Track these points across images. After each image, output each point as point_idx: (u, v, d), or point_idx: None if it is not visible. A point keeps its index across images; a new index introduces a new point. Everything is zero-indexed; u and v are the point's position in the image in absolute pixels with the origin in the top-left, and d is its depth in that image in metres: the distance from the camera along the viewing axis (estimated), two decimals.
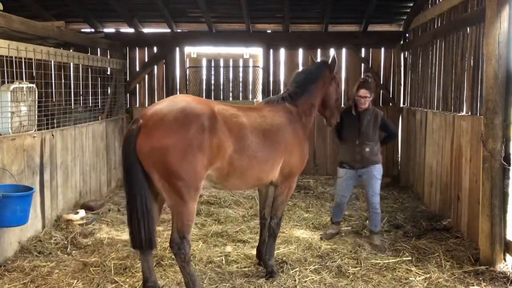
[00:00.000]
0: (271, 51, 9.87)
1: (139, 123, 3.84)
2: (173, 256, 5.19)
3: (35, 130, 6.12)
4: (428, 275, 4.77)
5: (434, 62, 7.70)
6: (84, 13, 9.37)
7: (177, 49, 9.85)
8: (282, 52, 9.88)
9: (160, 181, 3.83)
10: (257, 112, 4.55)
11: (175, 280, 4.65)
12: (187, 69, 9.97)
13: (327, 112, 5.32)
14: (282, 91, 6.42)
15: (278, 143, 4.47)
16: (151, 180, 3.89)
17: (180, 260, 3.98)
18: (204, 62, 10.17)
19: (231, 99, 10.11)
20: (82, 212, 6.62)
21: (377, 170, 5.73)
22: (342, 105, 8.67)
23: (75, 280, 4.63)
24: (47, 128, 6.49)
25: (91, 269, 4.90)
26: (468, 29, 6.17)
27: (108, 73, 9.39)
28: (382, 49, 9.76)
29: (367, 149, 5.64)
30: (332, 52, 9.78)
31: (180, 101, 4.00)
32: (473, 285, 4.56)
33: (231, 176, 4.20)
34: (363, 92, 5.65)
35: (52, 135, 6.23)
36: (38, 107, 6.37)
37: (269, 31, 10.01)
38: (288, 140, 4.57)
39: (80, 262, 5.12)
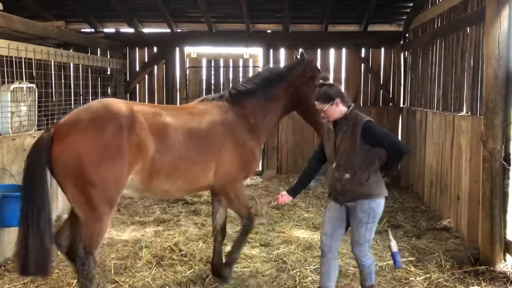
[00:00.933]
0: (271, 51, 9.87)
1: (51, 131, 3.56)
2: (173, 256, 5.21)
3: (35, 130, 6.12)
4: (428, 275, 4.77)
5: (434, 62, 7.70)
6: (84, 13, 9.37)
7: (177, 49, 9.85)
8: (282, 52, 9.88)
9: (74, 192, 3.53)
10: (185, 111, 4.26)
11: (175, 280, 4.65)
12: (187, 69, 9.97)
13: (310, 119, 4.66)
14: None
15: (208, 143, 4.12)
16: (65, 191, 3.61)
17: (82, 277, 3.64)
18: (204, 62, 10.17)
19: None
20: None
21: (364, 209, 3.75)
22: None
23: (75, 280, 4.62)
24: (47, 128, 6.48)
25: None
26: (468, 29, 6.17)
27: (108, 73, 9.39)
28: (382, 49, 9.76)
29: (347, 176, 3.77)
30: (332, 52, 9.81)
31: (97, 103, 3.82)
32: (473, 285, 4.56)
33: (155, 179, 3.90)
34: (316, 104, 3.83)
35: None
36: (38, 107, 6.37)
37: (269, 31, 10.01)
38: (222, 141, 4.19)
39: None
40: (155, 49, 10.00)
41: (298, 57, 4.75)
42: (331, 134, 3.89)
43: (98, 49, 9.39)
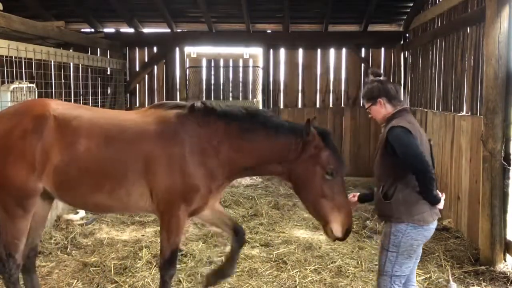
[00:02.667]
0: (271, 51, 9.87)
1: None
2: None
3: None
4: (428, 275, 4.77)
5: (434, 62, 7.70)
6: (84, 13, 9.37)
7: (177, 49, 9.85)
8: (282, 52, 9.88)
9: None
10: (118, 115, 3.73)
11: (175, 280, 4.64)
12: (187, 69, 9.97)
13: (309, 209, 3.55)
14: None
15: (131, 157, 3.42)
16: None
17: (5, 280, 3.55)
18: (204, 62, 10.17)
19: (231, 99, 10.12)
20: (82, 212, 6.62)
21: (386, 233, 3.19)
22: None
23: (75, 280, 4.63)
24: None
25: (91, 269, 4.89)
26: (468, 29, 6.17)
27: (108, 73, 9.40)
28: (382, 49, 9.76)
29: (375, 189, 3.29)
30: (332, 52, 9.82)
31: (22, 103, 3.76)
32: (473, 285, 4.56)
33: (65, 192, 3.51)
34: (363, 102, 3.44)
35: None
36: None
37: (269, 31, 10.01)
38: (150, 157, 3.40)
39: (80, 262, 5.12)
40: (155, 49, 10.00)
41: (307, 127, 3.39)
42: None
43: (98, 49, 9.39)
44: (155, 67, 10.05)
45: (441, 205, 3.11)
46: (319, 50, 9.82)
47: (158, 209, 3.52)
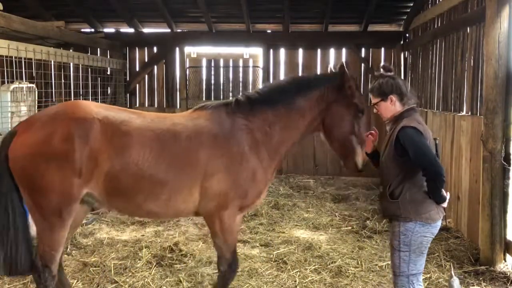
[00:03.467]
0: (271, 51, 9.87)
1: (14, 129, 3.41)
2: (173, 256, 5.21)
3: None
4: (428, 275, 4.77)
5: (434, 62, 7.70)
6: (84, 13, 9.38)
7: (177, 49, 9.86)
8: (282, 52, 9.88)
9: (25, 196, 3.31)
10: (168, 119, 3.55)
11: (175, 280, 4.65)
12: (187, 69, 9.97)
13: (335, 145, 3.70)
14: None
15: (186, 160, 3.37)
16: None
17: None
18: (204, 62, 10.17)
19: (231, 99, 10.09)
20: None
21: (395, 234, 3.16)
22: None
23: (75, 280, 4.63)
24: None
25: (91, 269, 4.89)
26: (468, 29, 6.17)
27: (108, 73, 9.40)
28: (382, 49, 9.76)
29: (381, 189, 3.29)
30: (332, 52, 9.82)
31: (60, 106, 3.52)
32: (473, 285, 4.56)
33: (116, 198, 3.39)
34: (371, 97, 3.37)
35: None
36: (38, 107, 6.38)
37: (269, 31, 10.01)
38: (206, 158, 3.39)
39: (80, 262, 5.12)
40: (155, 49, 10.01)
41: (337, 69, 3.70)
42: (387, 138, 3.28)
43: (98, 49, 9.41)
44: (155, 67, 10.06)
45: (445, 204, 3.12)
46: (319, 50, 9.82)
47: (210, 211, 3.50)
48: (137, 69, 10.01)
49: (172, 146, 3.37)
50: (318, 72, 9.79)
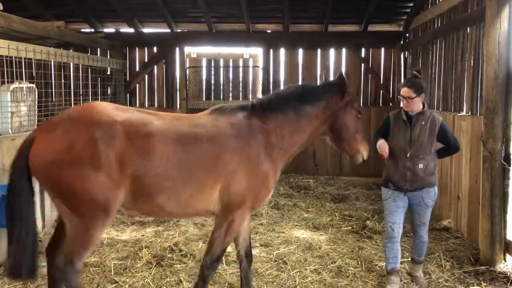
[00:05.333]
0: (271, 51, 9.87)
1: (33, 134, 3.35)
2: (173, 256, 5.21)
3: None
4: (428, 275, 4.77)
5: (434, 62, 7.70)
6: (84, 13, 9.38)
7: (177, 49, 9.86)
8: (282, 52, 9.88)
9: (54, 199, 3.34)
10: (188, 121, 3.65)
11: (175, 280, 4.65)
12: (187, 69, 9.97)
13: (344, 145, 4.13)
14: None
15: (208, 161, 3.50)
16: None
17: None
18: (204, 62, 10.17)
19: (231, 99, 10.12)
20: None
21: (431, 196, 4.31)
22: None
23: None
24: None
25: (91, 269, 4.89)
26: (468, 29, 6.17)
27: (108, 73, 9.40)
28: (382, 49, 9.76)
29: (421, 166, 4.22)
30: (332, 52, 9.82)
31: (80, 109, 3.50)
32: (473, 285, 4.56)
33: (140, 199, 3.43)
34: (404, 90, 4.26)
35: None
36: (38, 107, 6.38)
37: (269, 31, 10.01)
38: (227, 159, 3.54)
39: None
40: (155, 49, 10.00)
41: (340, 78, 4.08)
42: (406, 126, 4.31)
43: (98, 49, 9.40)
44: (155, 67, 10.06)
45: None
46: (319, 50, 9.82)
47: (224, 210, 3.63)
48: (137, 69, 10.01)
49: (194, 147, 3.48)
50: (318, 72, 9.82)
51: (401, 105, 4.40)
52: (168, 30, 9.83)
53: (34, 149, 3.24)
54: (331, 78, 9.38)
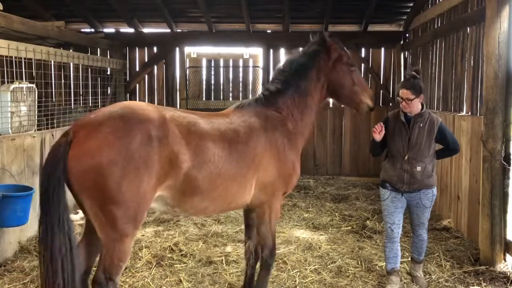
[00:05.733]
0: (271, 51, 9.87)
1: (69, 135, 3.03)
2: (173, 256, 5.21)
3: (35, 130, 6.12)
4: (428, 275, 4.77)
5: (434, 62, 7.70)
6: (84, 13, 9.37)
7: (177, 49, 9.85)
8: (282, 52, 9.87)
9: (93, 208, 3.03)
10: (223, 119, 3.70)
11: (175, 280, 4.65)
12: (187, 69, 9.97)
13: (345, 101, 4.24)
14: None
15: (248, 156, 3.60)
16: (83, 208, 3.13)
17: None
18: (204, 62, 10.17)
19: (231, 99, 10.11)
20: (82, 212, 6.62)
21: (429, 197, 4.31)
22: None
23: None
24: (47, 128, 6.49)
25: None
26: (468, 29, 6.17)
27: (108, 73, 9.40)
28: (382, 49, 9.75)
29: (418, 168, 4.21)
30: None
31: (123, 107, 3.22)
32: (473, 285, 4.56)
33: (190, 198, 3.38)
34: (403, 92, 4.20)
35: (52, 135, 6.22)
36: (38, 107, 6.38)
37: (269, 31, 10.01)
38: (261, 152, 3.67)
39: None
40: (155, 49, 10.00)
41: (326, 37, 4.11)
42: (404, 128, 4.27)
43: (98, 49, 9.40)
44: (155, 67, 10.05)
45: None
46: None
47: (262, 201, 3.78)
48: (137, 69, 10.00)
49: (236, 143, 3.56)
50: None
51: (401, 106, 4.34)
52: (168, 30, 9.83)
53: (74, 151, 2.96)
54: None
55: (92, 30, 9.84)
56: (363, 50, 9.78)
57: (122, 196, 2.97)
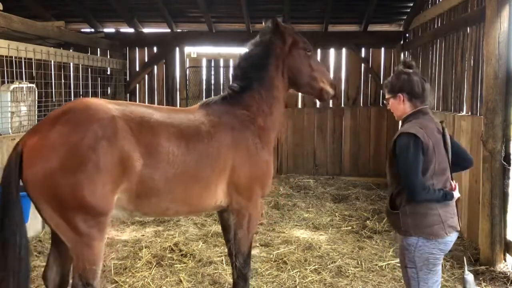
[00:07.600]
0: None
1: (18, 147, 2.95)
2: (173, 256, 5.21)
3: None
4: None
5: (434, 62, 7.70)
6: (84, 13, 9.37)
7: (177, 49, 9.85)
8: None
9: (53, 217, 2.94)
10: (185, 114, 3.50)
11: (175, 280, 4.65)
12: (187, 69, 9.97)
13: (306, 89, 4.00)
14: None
15: (210, 156, 3.36)
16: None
17: None
18: (204, 62, 10.17)
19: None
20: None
21: (400, 247, 3.06)
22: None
23: None
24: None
25: None
26: (468, 29, 6.17)
27: (108, 73, 9.40)
28: (382, 49, 9.75)
29: (388, 199, 3.09)
30: (332, 52, 9.80)
31: (70, 109, 3.08)
32: None
33: (147, 200, 3.19)
34: (384, 91, 3.27)
35: None
36: (38, 107, 6.38)
37: None
38: (227, 153, 3.45)
39: None
40: (155, 49, 10.00)
41: (269, 25, 4.02)
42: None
43: (98, 49, 9.40)
44: (155, 67, 10.05)
45: (456, 194, 2.95)
46: (319, 50, 9.79)
47: (239, 205, 3.57)
48: (137, 69, 10.00)
49: (196, 142, 3.34)
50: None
51: None
52: (168, 30, 9.83)
53: (27, 161, 2.89)
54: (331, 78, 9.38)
55: (92, 30, 9.84)
56: (363, 50, 9.77)
57: (80, 201, 2.88)
